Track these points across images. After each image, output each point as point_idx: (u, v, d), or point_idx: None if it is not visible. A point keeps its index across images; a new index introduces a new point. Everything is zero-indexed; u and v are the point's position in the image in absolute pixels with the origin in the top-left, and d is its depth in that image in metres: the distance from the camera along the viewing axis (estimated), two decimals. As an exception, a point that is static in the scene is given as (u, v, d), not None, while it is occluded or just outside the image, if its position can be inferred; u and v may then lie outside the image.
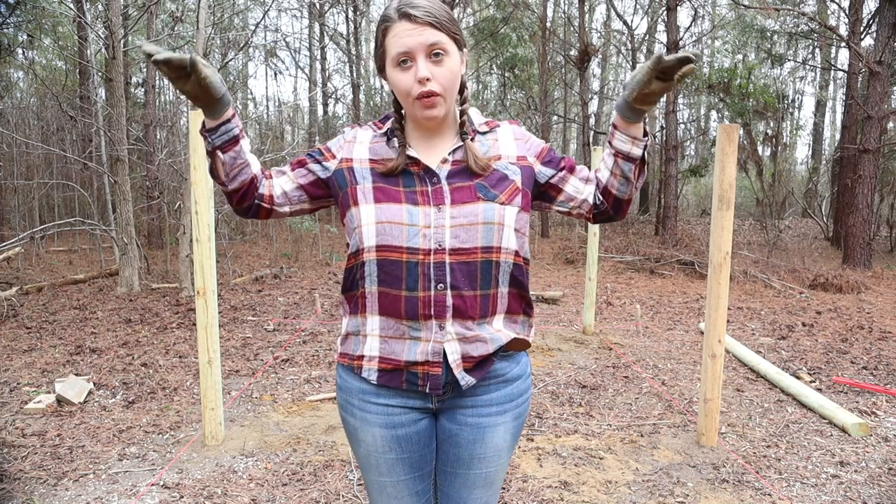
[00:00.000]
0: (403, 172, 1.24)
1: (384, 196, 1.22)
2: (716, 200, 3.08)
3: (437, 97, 1.18)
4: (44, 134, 12.84)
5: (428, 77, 1.16)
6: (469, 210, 1.21)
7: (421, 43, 1.15)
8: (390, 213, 1.20)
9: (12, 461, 2.90)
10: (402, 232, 1.19)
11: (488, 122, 1.32)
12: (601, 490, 2.71)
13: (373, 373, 1.27)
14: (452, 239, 1.20)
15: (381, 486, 1.33)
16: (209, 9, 7.56)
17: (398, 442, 1.29)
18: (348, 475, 2.81)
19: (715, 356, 3.13)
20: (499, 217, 1.21)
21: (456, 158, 1.25)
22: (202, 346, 3.06)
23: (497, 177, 1.24)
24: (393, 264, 1.20)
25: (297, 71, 25.73)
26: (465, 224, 1.20)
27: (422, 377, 1.25)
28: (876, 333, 5.60)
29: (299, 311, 6.40)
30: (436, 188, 1.23)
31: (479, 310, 1.23)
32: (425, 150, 1.28)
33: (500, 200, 1.22)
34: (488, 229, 1.21)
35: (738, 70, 13.62)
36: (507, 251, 1.24)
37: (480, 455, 1.30)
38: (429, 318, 1.21)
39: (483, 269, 1.22)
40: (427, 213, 1.20)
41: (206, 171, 3.01)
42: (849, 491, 2.73)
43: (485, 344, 1.24)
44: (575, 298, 7.27)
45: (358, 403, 1.30)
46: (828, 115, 25.15)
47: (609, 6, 18.33)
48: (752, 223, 16.16)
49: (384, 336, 1.25)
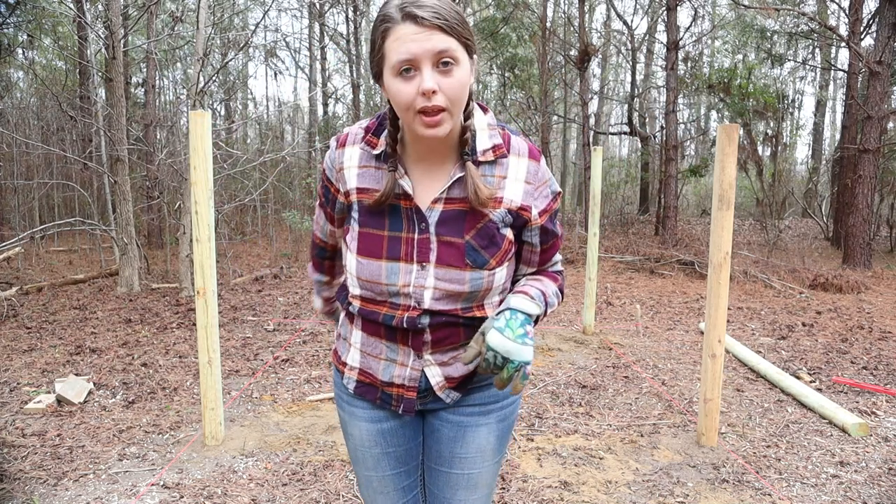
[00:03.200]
0: (391, 207, 1.15)
1: (366, 246, 1.16)
2: (716, 200, 3.08)
3: (442, 113, 1.03)
4: (44, 134, 12.83)
5: (434, 90, 1.00)
6: (455, 276, 1.14)
7: (428, 50, 1.00)
8: (370, 270, 1.16)
9: (12, 461, 2.90)
10: (382, 290, 1.16)
11: (496, 149, 1.14)
12: (601, 490, 2.71)
13: (352, 382, 1.29)
14: (433, 301, 1.15)
15: (368, 480, 1.34)
16: (209, 9, 7.56)
17: (382, 436, 1.29)
18: (348, 475, 2.81)
19: (715, 356, 3.13)
20: (486, 284, 1.16)
21: (451, 196, 1.13)
22: (202, 346, 3.06)
23: (490, 233, 1.14)
24: (374, 313, 1.20)
25: (297, 71, 25.73)
26: (448, 290, 1.15)
27: (395, 398, 1.25)
28: (876, 333, 5.60)
29: (299, 311, 6.40)
30: (422, 238, 1.14)
31: (462, 338, 1.22)
32: (420, 176, 1.16)
33: (489, 266, 1.15)
34: (473, 296, 1.17)
35: (738, 70, 13.62)
36: (491, 305, 1.22)
37: (461, 455, 1.28)
38: (406, 345, 1.20)
39: (464, 322, 1.20)
40: (409, 270, 1.14)
41: (207, 171, 3.01)
42: (849, 491, 2.73)
43: (465, 364, 1.23)
44: (575, 298, 7.27)
45: (346, 398, 1.32)
46: (828, 115, 25.14)
47: (609, 6, 18.33)
48: (752, 223, 16.15)
49: (365, 351, 1.25)
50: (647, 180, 17.91)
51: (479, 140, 1.14)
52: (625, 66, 21.81)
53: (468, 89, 1.07)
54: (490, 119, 1.18)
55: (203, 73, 6.89)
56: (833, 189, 15.15)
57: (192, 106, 6.73)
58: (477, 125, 1.15)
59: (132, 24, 8.14)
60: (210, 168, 3.03)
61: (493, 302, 1.22)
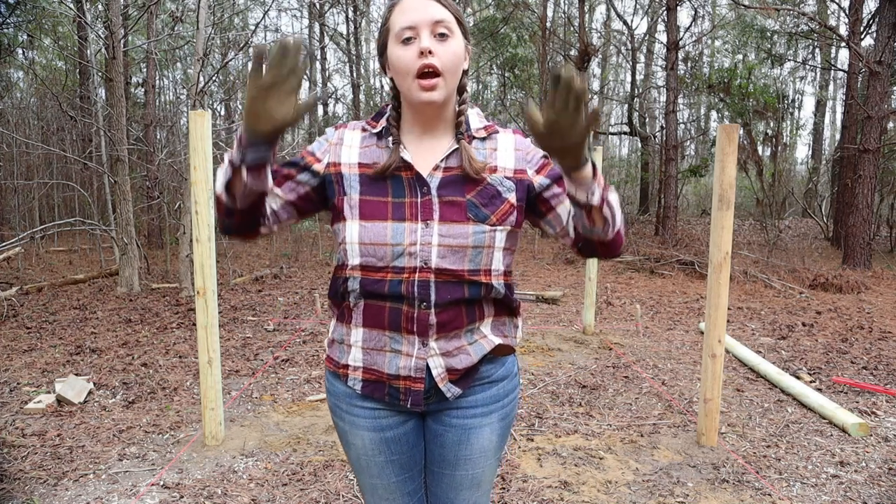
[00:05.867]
0: (393, 177, 1.20)
1: (370, 211, 1.18)
2: (716, 200, 3.08)
3: (437, 78, 1.13)
4: (44, 134, 12.83)
5: (430, 49, 1.12)
6: (458, 231, 1.17)
7: (426, 19, 1.13)
8: (375, 231, 1.17)
9: (12, 461, 2.90)
10: (387, 252, 1.17)
11: (487, 128, 1.26)
12: (601, 490, 2.71)
13: (357, 382, 1.27)
14: (439, 259, 1.17)
15: (372, 488, 1.33)
16: (209, 9, 7.56)
17: (387, 444, 1.29)
18: (348, 475, 2.81)
19: (715, 356, 3.13)
20: (489, 240, 1.19)
21: (449, 165, 1.21)
22: (202, 346, 3.06)
23: (490, 193, 1.20)
24: (377, 283, 1.19)
25: (297, 71, 25.62)
26: (453, 245, 1.17)
27: (403, 392, 1.24)
28: (876, 333, 5.60)
29: (299, 311, 6.40)
30: (425, 200, 1.19)
31: (465, 321, 1.23)
32: (419, 150, 1.23)
33: (490, 222, 1.19)
34: (477, 252, 1.18)
35: (738, 70, 13.63)
36: (497, 273, 1.22)
37: (466, 456, 1.29)
38: (411, 332, 1.20)
39: (470, 290, 1.21)
40: (413, 229, 1.17)
41: (207, 171, 3.01)
42: (849, 491, 2.73)
43: (468, 356, 1.24)
44: (575, 298, 7.27)
45: (346, 407, 1.30)
46: (828, 115, 25.15)
47: (609, 6, 18.32)
48: (752, 223, 16.14)
49: (367, 348, 1.24)
50: (647, 180, 17.92)
51: (472, 121, 1.26)
52: (625, 66, 21.82)
53: (461, 63, 1.19)
54: (478, 111, 1.31)
55: (203, 73, 6.89)
56: (833, 189, 15.15)
57: (192, 106, 6.73)
58: (469, 112, 1.27)
59: (132, 24, 8.14)
60: (210, 168, 3.03)
61: (499, 271, 1.23)
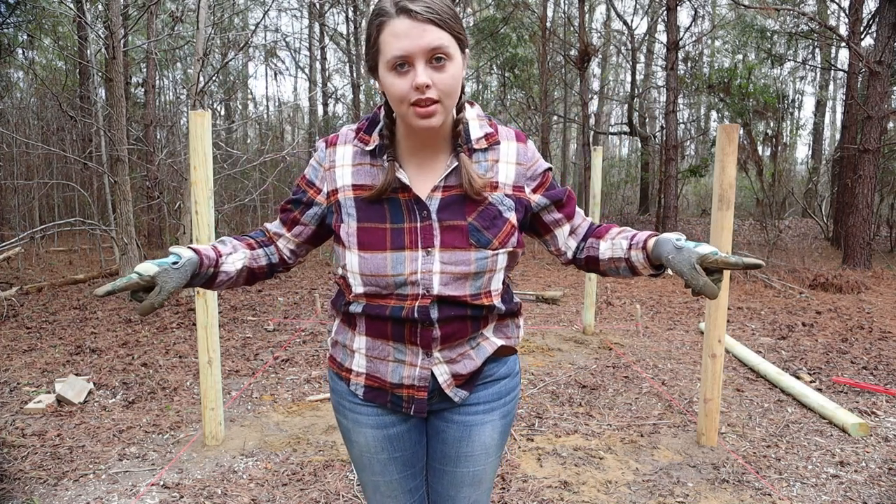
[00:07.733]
0: (390, 200, 1.15)
1: (368, 241, 1.15)
2: (716, 200, 3.08)
3: (435, 105, 1.06)
4: (44, 134, 12.82)
5: (427, 84, 1.04)
6: (460, 258, 1.15)
7: (422, 47, 1.03)
8: (375, 263, 1.15)
9: (12, 461, 2.90)
10: (389, 282, 1.15)
11: (488, 137, 1.19)
12: (601, 490, 2.71)
13: (360, 388, 1.28)
14: (441, 286, 1.16)
15: (374, 485, 1.34)
16: (209, 9, 7.56)
17: (389, 441, 1.29)
18: (348, 475, 2.81)
19: (715, 356, 3.13)
20: (491, 265, 1.18)
21: (448, 184, 1.16)
22: (202, 346, 3.06)
23: (491, 214, 1.17)
24: (380, 308, 1.18)
25: (297, 71, 25.71)
26: (455, 273, 1.15)
27: (406, 400, 1.24)
28: (876, 333, 5.60)
29: (299, 311, 6.40)
30: (425, 225, 1.15)
31: (469, 332, 1.23)
32: (417, 168, 1.18)
33: (493, 247, 1.16)
34: (479, 277, 1.17)
35: (738, 70, 13.62)
36: (497, 293, 1.23)
37: (467, 453, 1.30)
38: (415, 344, 1.20)
39: (473, 311, 1.21)
40: (414, 257, 1.15)
41: (207, 171, 3.01)
42: (849, 491, 2.73)
43: (472, 360, 1.24)
44: (575, 298, 7.27)
45: (349, 405, 1.31)
46: (828, 115, 25.15)
47: (609, 6, 18.32)
48: (752, 223, 16.14)
49: (370, 356, 1.24)
50: (647, 180, 17.92)
51: (472, 130, 1.19)
52: (625, 66, 21.82)
53: (461, 83, 1.11)
54: (478, 111, 1.23)
55: (203, 73, 6.89)
56: (833, 189, 15.14)
57: (192, 106, 6.73)
58: (468, 116, 1.20)
59: (132, 24, 8.14)
60: (210, 168, 3.03)
61: (498, 290, 1.22)
